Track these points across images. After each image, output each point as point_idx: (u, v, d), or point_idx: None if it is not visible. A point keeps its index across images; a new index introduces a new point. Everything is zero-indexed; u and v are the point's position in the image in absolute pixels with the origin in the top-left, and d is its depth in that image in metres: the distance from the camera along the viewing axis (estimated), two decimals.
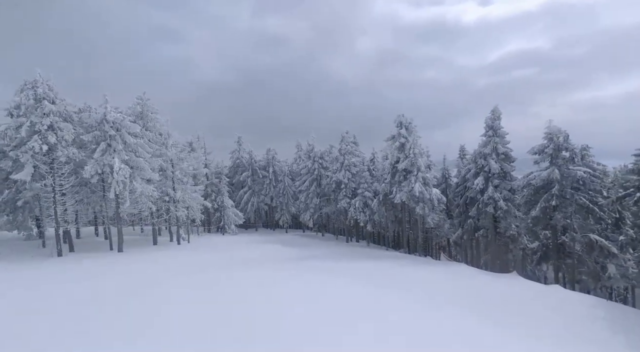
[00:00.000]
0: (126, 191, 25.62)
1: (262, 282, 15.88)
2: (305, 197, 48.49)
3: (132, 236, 37.16)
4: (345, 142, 41.98)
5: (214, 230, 52.64)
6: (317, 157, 48.05)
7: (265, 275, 18.17)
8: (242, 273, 18.62)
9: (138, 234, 41.77)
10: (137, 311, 11.42)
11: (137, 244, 32.54)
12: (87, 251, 27.02)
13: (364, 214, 39.43)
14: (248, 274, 18.44)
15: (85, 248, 28.11)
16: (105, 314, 11.11)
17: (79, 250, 27.29)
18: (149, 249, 29.60)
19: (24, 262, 21.73)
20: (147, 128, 31.24)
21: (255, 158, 56.74)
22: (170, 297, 13.20)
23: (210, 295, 13.48)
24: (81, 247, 28.17)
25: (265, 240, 39.84)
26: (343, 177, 41.27)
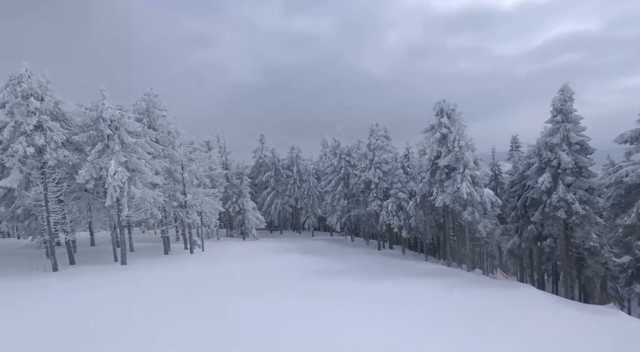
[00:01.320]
0: (124, 197, 22.73)
1: (267, 321, 11.77)
2: (331, 198, 44.06)
3: (144, 242, 34.88)
4: (375, 136, 36.95)
5: (236, 234, 49.91)
6: (343, 154, 43.40)
7: (275, 305, 14.06)
8: (245, 302, 14.68)
9: (152, 238, 39.61)
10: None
11: (145, 253, 29.96)
12: (89, 263, 24.59)
13: (397, 218, 34.26)
14: (253, 303, 14.46)
15: (87, 259, 25.76)
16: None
17: (81, 261, 24.94)
18: (157, 261, 26.74)
19: (5, 279, 19.28)
20: (153, 127, 28.42)
21: (279, 157, 53.22)
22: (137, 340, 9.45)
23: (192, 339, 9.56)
24: (84, 258, 25.85)
25: (288, 247, 35.96)
26: (373, 176, 36.33)
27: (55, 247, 25.13)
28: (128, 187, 22.92)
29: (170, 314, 13.01)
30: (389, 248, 42.35)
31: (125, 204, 22.66)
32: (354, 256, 31.19)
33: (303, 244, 38.89)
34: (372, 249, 38.95)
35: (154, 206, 25.84)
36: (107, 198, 22.01)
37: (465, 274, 24.83)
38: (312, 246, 38.27)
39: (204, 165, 30.34)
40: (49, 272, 21.52)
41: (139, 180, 23.84)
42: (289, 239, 44.91)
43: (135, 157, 23.52)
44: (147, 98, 28.81)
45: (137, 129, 24.01)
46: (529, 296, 18.09)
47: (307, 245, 38.42)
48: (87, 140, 22.97)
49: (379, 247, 38.62)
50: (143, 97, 28.71)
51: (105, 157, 22.70)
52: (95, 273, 21.22)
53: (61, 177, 21.83)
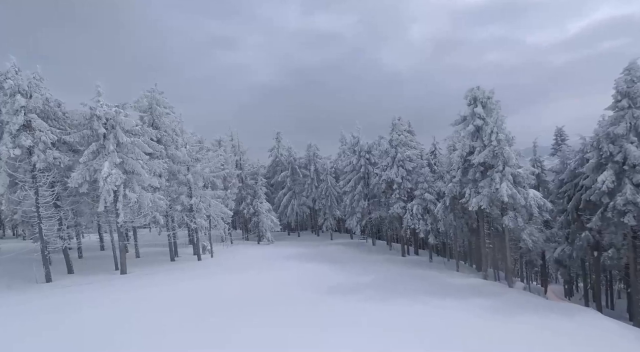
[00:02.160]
0: (119, 202, 20.82)
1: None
2: (350, 199, 40.92)
3: (153, 246, 33.27)
4: (397, 131, 33.41)
5: (252, 237, 47.84)
6: (363, 152, 40.13)
7: (271, 339, 11.32)
8: (238, 334, 12.06)
9: (163, 241, 38.06)
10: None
11: (151, 260, 28.22)
12: (87, 272, 22.98)
13: (423, 222, 30.67)
14: (247, 336, 11.81)
15: (87, 267, 24.22)
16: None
17: (80, 270, 23.41)
18: (159, 270, 24.80)
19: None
20: (156, 125, 26.53)
21: (295, 156, 50.64)
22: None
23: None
24: (84, 266, 24.34)
25: (302, 253, 33.26)
26: (395, 175, 32.85)
27: (55, 255, 23.83)
28: (124, 190, 20.99)
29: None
30: (414, 253, 38.71)
31: (120, 209, 20.74)
32: (375, 265, 27.98)
33: (319, 250, 36.05)
34: (395, 255, 35.51)
35: (155, 210, 23.92)
36: (100, 203, 20.16)
37: (507, 291, 21.02)
38: (329, 251, 35.36)
39: (211, 165, 28.19)
40: (41, 284, 19.98)
41: (137, 182, 21.88)
42: (305, 243, 42.23)
43: (131, 158, 21.56)
44: (150, 95, 26.95)
45: (133, 127, 22.04)
46: (599, 328, 14.23)
47: (324, 250, 35.55)
48: (81, 141, 21.25)
49: (403, 253, 35.11)
50: (145, 94, 26.88)
51: (100, 158, 20.89)
52: (89, 286, 19.42)
53: (54, 181, 20.22)
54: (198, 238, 28.86)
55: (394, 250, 38.63)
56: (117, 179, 20.18)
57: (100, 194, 20.36)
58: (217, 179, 36.70)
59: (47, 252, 20.21)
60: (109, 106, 21.66)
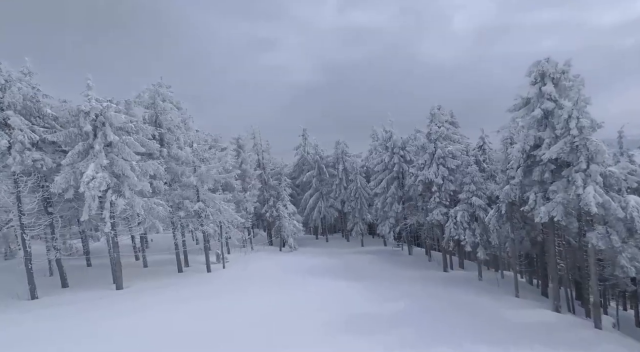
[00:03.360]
0: (105, 209, 18.15)
1: None
2: (381, 202, 36.08)
3: (165, 253, 30.97)
4: (437, 123, 28.00)
5: (277, 242, 44.53)
6: (396, 148, 35.09)
7: None
8: None
9: None
10: None
11: (157, 271, 25.74)
12: (82, 287, 20.74)
13: (470, 231, 25.15)
14: None
15: (85, 280, 22.05)
16: None
17: (77, 283, 21.26)
18: (161, 284, 22.04)
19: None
20: (159, 122, 23.89)
21: (322, 154, 46.60)
22: None
23: None
24: (82, 278, 22.21)
25: (326, 265, 29.14)
26: (434, 175, 27.53)
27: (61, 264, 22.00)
28: (112, 196, 18.31)
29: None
30: (458, 266, 32.95)
31: (107, 218, 18.06)
32: (410, 284, 23.10)
33: (346, 260, 31.69)
34: (435, 268, 30.13)
35: (153, 217, 21.17)
36: (84, 211, 17.60)
37: (596, 336, 15.26)
38: (357, 262, 30.90)
39: (218, 166, 25.04)
40: (24, 301, 17.88)
41: (128, 187, 19.14)
42: (332, 250, 38.05)
43: (121, 159, 18.84)
44: (154, 89, 24.33)
45: (125, 123, 19.33)
46: None
47: (351, 262, 31.13)
48: (66, 140, 18.90)
49: (444, 266, 29.61)
50: (147, 88, 24.32)
51: (88, 160, 18.39)
52: (70, 308, 16.89)
53: (39, 185, 18.04)
54: (207, 247, 25.87)
55: (434, 261, 33.17)
56: (102, 184, 17.48)
57: (85, 200, 17.81)
58: (233, 180, 33.81)
59: (30, 266, 18.07)
60: (99, 101, 19.14)
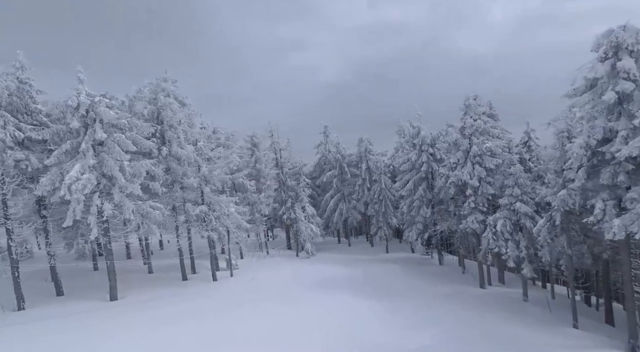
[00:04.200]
0: (92, 215, 16.51)
1: None
2: (408, 205, 32.49)
3: (173, 258, 29.52)
4: (473, 115, 24.06)
5: (295, 246, 42.19)
6: (425, 145, 31.32)
7: None
8: None
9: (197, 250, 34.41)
10: None
11: (161, 277, 24.23)
12: (76, 295, 19.49)
13: (513, 243, 21.13)
14: None
15: (82, 288, 20.79)
16: None
17: (73, 291, 20.08)
18: (161, 293, 20.37)
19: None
20: (161, 119, 22.20)
21: (344, 152, 43.62)
22: None
23: None
24: (77, 286, 20.87)
25: (345, 275, 26.23)
26: (469, 176, 23.65)
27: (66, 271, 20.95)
28: (98, 199, 16.64)
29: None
30: (497, 280, 28.61)
31: (93, 224, 16.41)
32: (441, 305, 19.61)
33: (367, 270, 28.51)
34: (470, 283, 26.15)
35: (150, 222, 19.42)
36: (68, 216, 16.06)
37: None
38: (380, 273, 27.63)
39: (223, 165, 22.89)
40: (9, 312, 16.71)
41: (119, 189, 17.43)
42: (353, 257, 34.98)
43: (111, 159, 17.14)
44: (156, 83, 22.67)
45: (116, 119, 17.64)
46: None
47: (373, 272, 27.91)
48: (54, 138, 17.52)
49: (481, 282, 25.52)
50: (150, 83, 22.69)
51: (76, 159, 16.87)
52: (53, 322, 15.47)
53: (20, 187, 16.77)
54: (213, 254, 23.91)
55: (469, 274, 29.11)
56: (86, 186, 15.82)
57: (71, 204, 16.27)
58: (246, 181, 31.81)
59: (17, 274, 16.86)
60: (91, 95, 17.58)
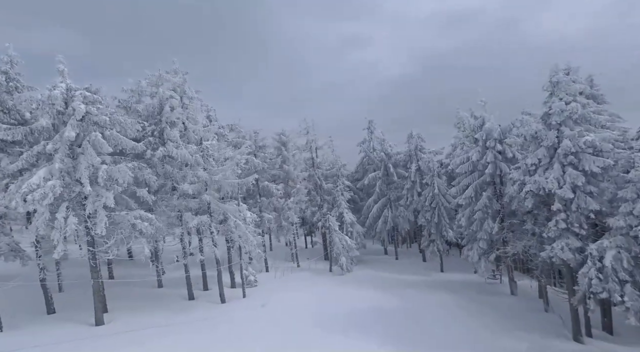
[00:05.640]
0: (56, 230, 13.91)
1: None
2: (467, 217, 25.62)
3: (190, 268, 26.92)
4: (563, 95, 16.74)
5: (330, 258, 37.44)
6: (491, 140, 24.19)
7: None
8: None
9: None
10: None
11: (168, 294, 21.61)
12: (64, 314, 17.51)
13: (635, 290, 13.68)
14: None
15: (73, 304, 18.72)
16: None
17: (64, 308, 18.16)
18: (153, 321, 17.44)
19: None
20: (162, 116, 19.37)
21: (390, 151, 37.66)
22: None
23: None
24: (73, 302, 19.01)
25: (383, 309, 20.68)
26: (557, 184, 16.43)
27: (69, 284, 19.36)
28: (66, 211, 14.02)
29: None
30: (602, 329, 20.35)
31: (58, 239, 13.79)
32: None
33: (411, 300, 22.62)
34: (557, 331, 18.70)
35: (140, 236, 16.54)
36: (31, 230, 13.71)
37: None
38: (428, 306, 21.58)
39: (227, 169, 19.08)
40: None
41: (101, 198, 14.69)
42: (396, 278, 29.00)
43: (84, 163, 14.45)
44: (158, 75, 19.87)
45: (92, 115, 14.94)
46: None
47: (419, 304, 21.93)
48: (29, 139, 15.43)
49: (576, 331, 17.90)
50: (152, 75, 19.98)
51: (42, 163, 14.55)
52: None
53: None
54: (220, 271, 20.49)
55: (555, 315, 21.42)
56: (47, 196, 13.22)
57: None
58: (272, 185, 28.08)
59: None
60: (71, 89, 15.17)
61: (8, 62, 16.84)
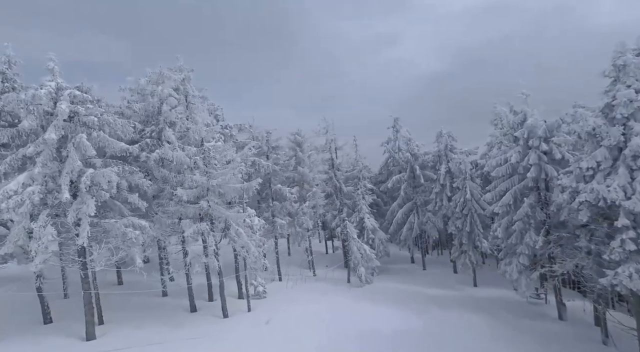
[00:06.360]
0: (34, 240, 12.93)
1: None
2: (503, 227, 22.20)
3: (201, 275, 25.70)
4: (629, 79, 13.24)
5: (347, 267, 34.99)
6: (534, 138, 20.67)
7: None
8: None
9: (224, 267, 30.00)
10: None
11: (171, 304, 20.48)
12: (56, 327, 16.69)
13: None
14: None
15: (72, 313, 17.87)
16: None
17: (61, 317, 17.45)
18: (145, 336, 16.21)
19: None
20: (160, 116, 18.19)
21: (417, 151, 34.54)
22: None
23: None
24: (70, 311, 18.08)
25: (402, 336, 18.07)
26: (624, 193, 12.99)
27: None
28: (45, 220, 13.01)
29: None
30: None
31: (36, 250, 12.80)
32: None
33: (436, 322, 19.77)
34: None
35: (130, 245, 15.37)
36: (7, 241, 12.80)
37: None
38: (455, 331, 18.63)
39: (226, 173, 17.42)
40: None
41: (82, 205, 13.62)
42: (422, 292, 26.06)
43: (67, 166, 13.41)
44: (158, 72, 18.70)
45: (82, 116, 13.90)
46: None
47: (444, 329, 19.00)
48: (16, 142, 14.70)
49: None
50: (153, 72, 18.87)
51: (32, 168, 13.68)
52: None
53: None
54: (222, 284, 18.97)
55: (614, 347, 17.65)
56: (24, 203, 12.25)
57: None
58: (285, 188, 26.31)
59: None
60: (61, 88, 14.27)
61: (6, 63, 16.38)
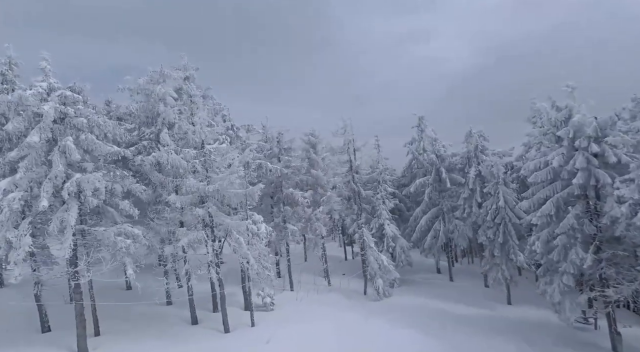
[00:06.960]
0: (15, 250, 12.23)
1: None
2: (543, 241, 19.18)
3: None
4: None
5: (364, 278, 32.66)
6: (581, 138, 17.60)
7: None
8: None
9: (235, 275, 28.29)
10: None
11: (166, 316, 19.54)
12: (52, 337, 16.22)
13: None
14: None
15: (71, 324, 17.41)
16: None
17: (60, 326, 16.91)
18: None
19: None
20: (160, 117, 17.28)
21: (443, 152, 31.68)
22: None
23: None
24: (69, 322, 17.57)
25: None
26: None
27: None
28: (26, 230, 12.27)
29: None
30: None
31: (15, 260, 12.07)
32: None
33: (469, 349, 17.28)
34: None
35: (124, 255, 14.46)
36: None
37: None
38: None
39: (224, 177, 16.03)
40: None
41: (65, 213, 12.82)
42: (447, 310, 23.40)
43: (53, 171, 12.65)
44: (159, 71, 17.82)
45: (72, 118, 13.15)
46: None
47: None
48: (5, 145, 14.20)
49: None
50: (153, 71, 18.02)
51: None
52: None
53: None
54: (223, 296, 17.70)
55: None
56: (2, 212, 11.55)
57: None
58: (297, 192, 24.78)
59: None
60: (53, 89, 13.64)
61: (6, 64, 16.13)
